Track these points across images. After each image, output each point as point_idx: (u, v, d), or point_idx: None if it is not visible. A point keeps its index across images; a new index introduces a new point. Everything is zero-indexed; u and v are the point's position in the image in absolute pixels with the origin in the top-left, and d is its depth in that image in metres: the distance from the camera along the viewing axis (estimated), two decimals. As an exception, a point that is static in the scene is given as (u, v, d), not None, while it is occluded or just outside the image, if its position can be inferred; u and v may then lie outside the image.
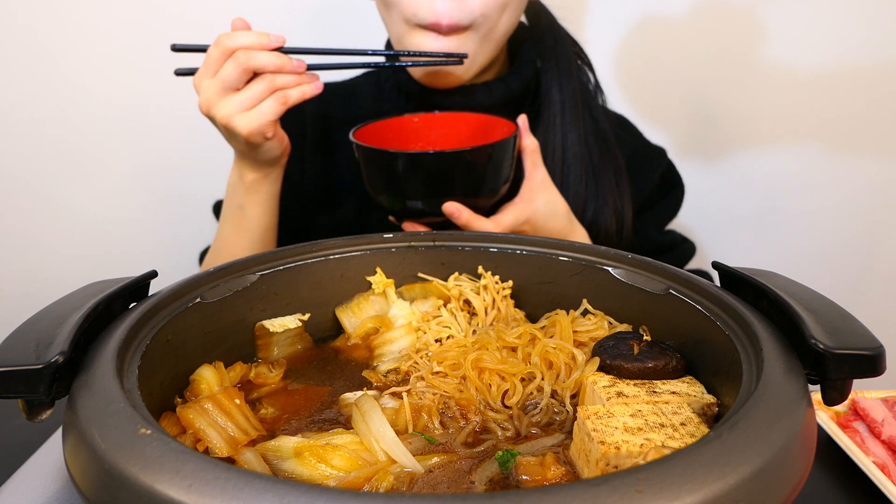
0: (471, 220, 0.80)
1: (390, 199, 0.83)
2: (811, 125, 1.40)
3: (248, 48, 0.79)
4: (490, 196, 0.83)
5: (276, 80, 0.80)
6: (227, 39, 0.79)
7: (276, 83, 0.80)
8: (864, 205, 1.45)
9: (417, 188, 0.80)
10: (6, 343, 0.40)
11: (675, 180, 1.12)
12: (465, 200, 0.80)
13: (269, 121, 0.80)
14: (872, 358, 0.39)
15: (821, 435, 0.62)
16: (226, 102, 0.80)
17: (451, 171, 0.79)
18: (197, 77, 0.83)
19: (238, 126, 0.80)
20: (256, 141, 0.82)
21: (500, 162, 0.81)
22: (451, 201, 0.80)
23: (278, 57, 0.80)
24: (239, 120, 0.80)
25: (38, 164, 1.41)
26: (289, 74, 0.81)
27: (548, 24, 1.04)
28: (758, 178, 1.44)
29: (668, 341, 0.54)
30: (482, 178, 0.81)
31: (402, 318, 0.65)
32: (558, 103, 1.00)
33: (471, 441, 0.49)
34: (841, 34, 1.32)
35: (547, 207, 0.86)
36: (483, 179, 0.81)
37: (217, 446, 0.44)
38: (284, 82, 0.81)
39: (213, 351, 0.57)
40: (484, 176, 0.81)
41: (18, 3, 1.29)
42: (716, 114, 1.40)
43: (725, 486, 0.29)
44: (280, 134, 0.86)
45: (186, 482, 0.29)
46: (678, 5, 1.33)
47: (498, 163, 0.81)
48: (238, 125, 0.80)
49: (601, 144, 1.02)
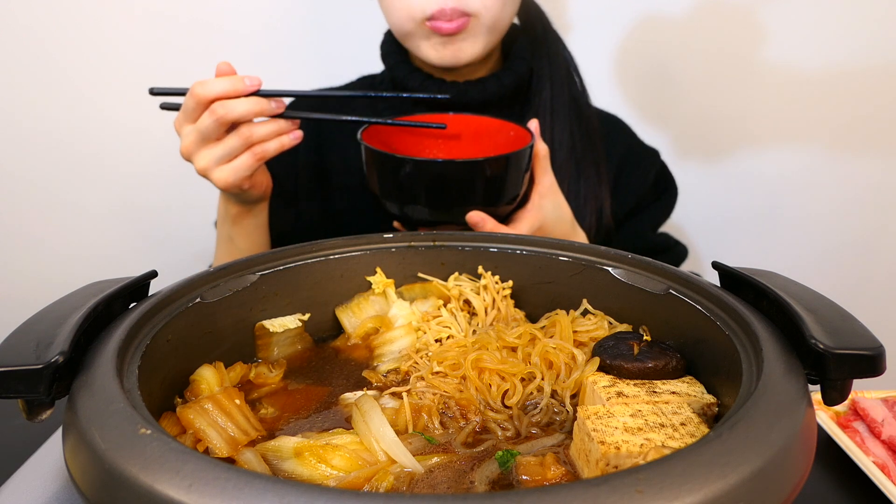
0: (495, 230, 0.79)
1: (405, 207, 0.80)
2: (811, 125, 1.40)
3: (223, 96, 0.78)
4: (509, 204, 0.82)
5: (252, 135, 0.80)
6: (201, 89, 0.78)
7: (253, 138, 0.80)
8: (864, 205, 1.45)
9: (439, 197, 0.78)
10: (6, 343, 0.40)
11: (669, 182, 1.12)
12: (485, 209, 0.79)
13: (244, 176, 0.81)
14: (872, 358, 0.39)
15: (821, 435, 0.62)
16: (204, 154, 0.80)
17: (476, 180, 0.77)
18: (177, 122, 0.83)
19: (214, 179, 0.81)
20: (233, 192, 0.84)
21: (520, 169, 0.80)
22: (476, 210, 0.78)
23: (256, 103, 0.79)
24: (216, 173, 0.81)
25: (39, 163, 1.41)
26: (267, 127, 0.81)
27: (540, 24, 1.05)
28: (758, 178, 1.44)
29: (668, 341, 0.54)
30: (503, 186, 0.79)
31: (402, 318, 0.65)
32: (549, 101, 1.01)
33: (471, 441, 0.49)
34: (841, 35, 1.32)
35: (555, 213, 0.86)
36: (504, 187, 0.79)
37: (217, 446, 0.44)
38: (261, 135, 0.81)
39: (213, 351, 0.57)
40: (505, 184, 0.79)
41: (18, 4, 1.29)
42: (716, 114, 1.41)
43: (725, 486, 0.29)
44: (258, 180, 0.86)
45: (186, 482, 0.29)
46: (678, 5, 1.33)
47: (518, 170, 0.80)
48: (214, 178, 0.81)
49: (587, 142, 1.03)
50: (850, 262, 1.50)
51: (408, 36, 0.94)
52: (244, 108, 0.78)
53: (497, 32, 0.95)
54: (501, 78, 0.99)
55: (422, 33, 0.92)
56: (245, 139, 0.80)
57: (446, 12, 0.88)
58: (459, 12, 0.88)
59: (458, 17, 0.89)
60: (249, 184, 0.83)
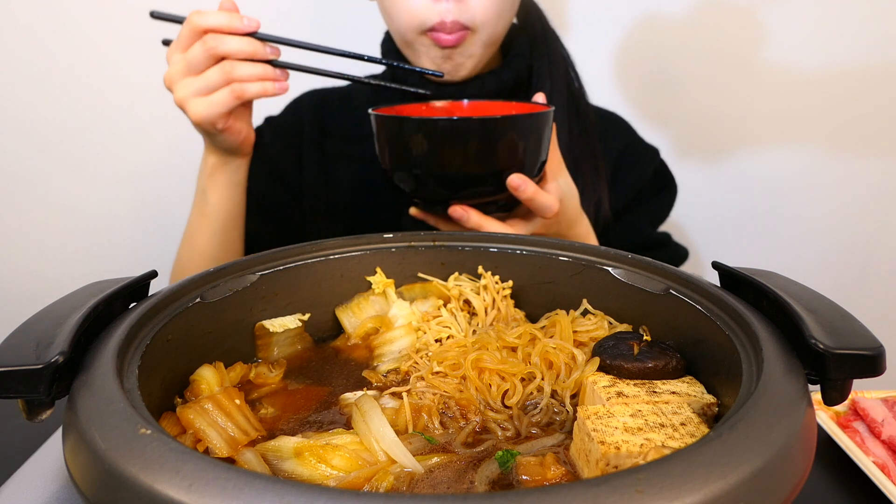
0: (536, 193, 0.76)
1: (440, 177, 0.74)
2: (811, 125, 1.40)
3: (218, 30, 0.77)
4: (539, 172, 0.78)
5: (234, 71, 0.78)
6: (198, 18, 0.78)
7: (234, 74, 0.79)
8: (864, 205, 1.45)
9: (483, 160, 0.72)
10: (6, 343, 0.40)
11: (668, 179, 1.12)
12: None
13: (219, 112, 0.79)
14: (872, 358, 0.39)
15: (821, 435, 0.62)
16: (185, 84, 0.79)
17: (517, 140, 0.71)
18: (169, 50, 0.82)
19: (190, 110, 0.79)
20: (206, 129, 0.82)
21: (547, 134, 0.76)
22: (517, 174, 0.74)
23: (249, 43, 0.78)
24: (191, 104, 0.79)
25: (39, 163, 1.41)
26: (252, 68, 0.79)
27: (539, 23, 1.06)
28: (758, 178, 1.44)
29: (668, 341, 0.54)
30: (538, 150, 0.75)
31: (402, 318, 0.65)
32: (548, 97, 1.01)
33: (471, 441, 0.49)
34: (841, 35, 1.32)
35: (567, 188, 0.86)
36: (539, 152, 0.75)
37: (217, 446, 0.44)
38: (245, 74, 0.79)
39: (213, 351, 0.57)
40: (540, 148, 0.75)
41: (17, 3, 1.29)
42: (715, 114, 1.41)
43: (725, 486, 0.29)
44: (235, 128, 0.84)
45: (186, 482, 0.29)
46: (678, 5, 1.33)
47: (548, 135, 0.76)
48: (190, 109, 0.79)
49: (584, 138, 1.04)
50: (850, 262, 1.50)
51: (408, 45, 0.95)
52: (236, 46, 0.77)
53: (493, 46, 0.97)
54: (500, 74, 1.00)
55: (421, 43, 0.92)
56: (226, 74, 0.78)
57: (447, 25, 0.88)
58: (460, 25, 0.89)
59: (457, 31, 0.89)
60: (224, 125, 0.81)
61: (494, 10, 0.90)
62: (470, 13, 0.89)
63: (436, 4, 0.88)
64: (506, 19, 0.95)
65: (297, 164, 1.08)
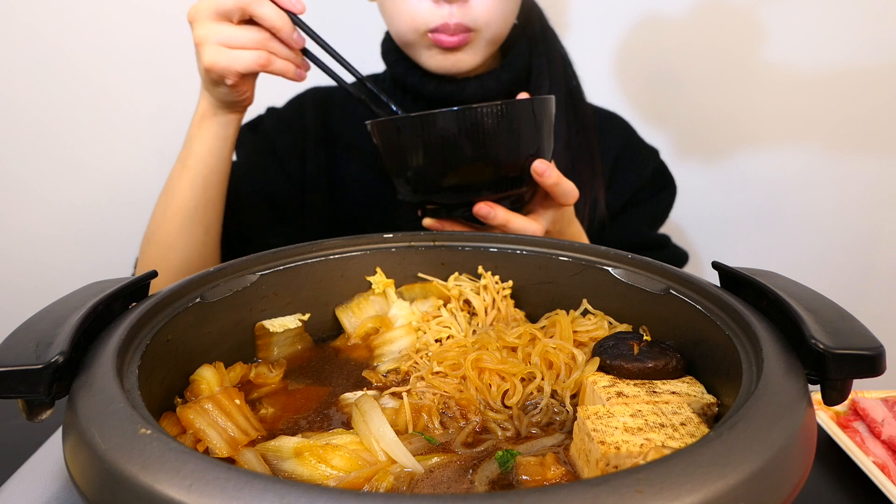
0: (560, 178, 0.74)
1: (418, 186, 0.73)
2: (811, 125, 1.40)
3: None
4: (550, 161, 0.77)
5: (270, 42, 0.78)
6: None
7: (269, 45, 0.78)
8: (864, 205, 1.45)
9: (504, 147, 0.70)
10: (6, 343, 0.40)
11: (667, 180, 1.12)
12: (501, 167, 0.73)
13: (237, 70, 0.78)
14: (872, 358, 0.39)
15: (821, 435, 0.62)
16: (212, 27, 0.77)
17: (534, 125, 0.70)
18: None
19: (206, 54, 0.78)
20: (213, 78, 0.80)
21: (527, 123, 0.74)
22: (541, 160, 0.73)
23: (282, 18, 0.78)
24: (212, 50, 0.77)
25: (39, 163, 1.41)
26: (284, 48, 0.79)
27: (539, 22, 1.06)
28: (757, 178, 1.44)
29: (668, 341, 0.54)
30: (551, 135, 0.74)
31: (402, 318, 0.65)
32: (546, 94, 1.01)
33: (471, 441, 0.49)
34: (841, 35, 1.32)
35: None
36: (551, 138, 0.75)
37: (217, 446, 0.44)
38: (277, 48, 0.79)
39: (213, 351, 0.57)
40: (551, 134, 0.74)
41: (18, 3, 1.29)
42: (716, 114, 1.41)
43: (725, 486, 0.29)
44: (241, 87, 0.82)
45: (186, 482, 0.29)
46: (678, 5, 1.33)
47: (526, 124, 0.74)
48: (207, 54, 0.77)
49: (582, 136, 1.04)
50: (850, 262, 1.50)
51: (409, 45, 0.95)
52: (271, 12, 0.77)
53: (496, 44, 0.96)
54: (500, 75, 1.00)
55: (423, 44, 0.92)
56: (264, 40, 0.78)
57: (450, 27, 0.88)
58: (463, 27, 0.89)
59: (460, 32, 0.89)
60: (234, 80, 0.80)
61: (497, 12, 0.90)
62: (472, 15, 0.89)
63: (438, 7, 0.87)
64: (508, 20, 0.95)
65: (300, 158, 1.08)
